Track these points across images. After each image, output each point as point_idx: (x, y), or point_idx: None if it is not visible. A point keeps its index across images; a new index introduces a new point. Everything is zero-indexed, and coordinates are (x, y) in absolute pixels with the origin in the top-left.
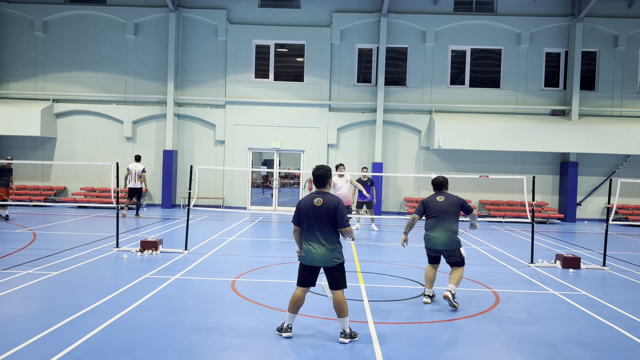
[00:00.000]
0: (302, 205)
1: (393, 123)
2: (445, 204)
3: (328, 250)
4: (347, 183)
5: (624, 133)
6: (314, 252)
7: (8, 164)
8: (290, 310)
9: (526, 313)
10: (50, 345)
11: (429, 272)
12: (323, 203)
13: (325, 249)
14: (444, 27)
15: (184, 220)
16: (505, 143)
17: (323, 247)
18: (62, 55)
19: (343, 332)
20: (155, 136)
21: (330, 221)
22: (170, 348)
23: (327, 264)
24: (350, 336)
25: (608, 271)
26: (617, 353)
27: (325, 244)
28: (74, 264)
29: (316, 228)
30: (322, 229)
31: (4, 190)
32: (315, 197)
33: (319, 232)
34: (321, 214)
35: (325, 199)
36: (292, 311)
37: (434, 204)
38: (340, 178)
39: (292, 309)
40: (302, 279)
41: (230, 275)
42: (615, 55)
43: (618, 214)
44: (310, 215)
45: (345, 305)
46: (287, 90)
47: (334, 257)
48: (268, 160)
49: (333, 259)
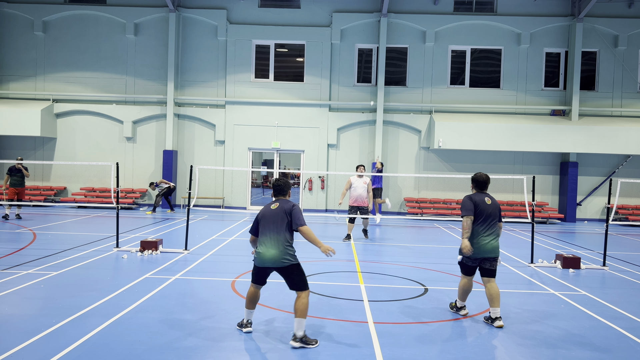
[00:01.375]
0: (261, 213)
1: (393, 123)
2: (492, 207)
3: (279, 252)
4: (364, 185)
5: (624, 133)
6: (262, 254)
7: (19, 165)
8: (247, 307)
9: (526, 313)
10: (50, 345)
11: (468, 284)
12: (279, 206)
13: (276, 251)
14: (444, 27)
15: (184, 220)
16: (505, 143)
17: (273, 249)
18: (62, 55)
19: (294, 335)
20: (155, 136)
21: (284, 222)
22: (170, 348)
23: (276, 265)
24: (302, 341)
25: (608, 271)
26: (617, 353)
27: (276, 245)
28: (74, 264)
29: (269, 230)
30: (275, 229)
31: (12, 190)
32: (272, 203)
33: (271, 233)
34: (276, 215)
35: (281, 202)
36: (249, 307)
37: (484, 205)
38: (359, 179)
39: (249, 305)
40: (254, 278)
41: (230, 275)
42: (615, 55)
43: (618, 214)
44: (265, 218)
45: (304, 307)
46: (287, 90)
47: (283, 258)
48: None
49: (282, 259)
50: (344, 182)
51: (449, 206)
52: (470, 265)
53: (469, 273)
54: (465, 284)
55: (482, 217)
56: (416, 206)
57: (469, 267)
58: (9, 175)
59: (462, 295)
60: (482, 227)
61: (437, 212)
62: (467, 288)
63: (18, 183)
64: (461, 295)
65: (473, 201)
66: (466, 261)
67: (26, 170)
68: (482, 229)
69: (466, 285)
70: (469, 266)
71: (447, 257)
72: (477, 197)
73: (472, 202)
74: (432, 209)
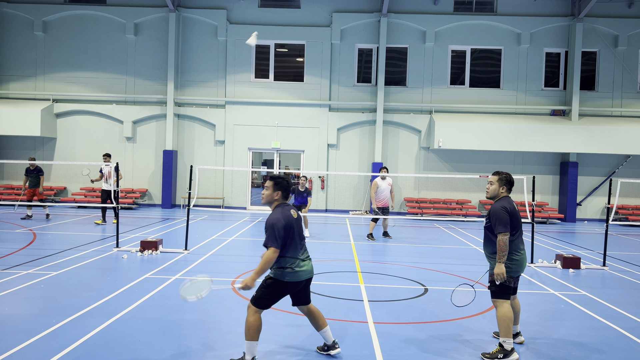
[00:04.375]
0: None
1: (393, 123)
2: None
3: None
4: (388, 186)
5: (624, 133)
6: (307, 264)
7: (32, 165)
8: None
9: (526, 313)
10: (50, 345)
11: (515, 306)
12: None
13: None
14: (444, 27)
15: (184, 220)
16: (505, 143)
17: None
18: (62, 55)
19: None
20: (155, 136)
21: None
22: (170, 348)
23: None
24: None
25: (608, 271)
26: (617, 353)
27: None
28: (74, 264)
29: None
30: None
31: (30, 191)
32: (291, 208)
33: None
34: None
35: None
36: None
37: (517, 214)
38: (384, 181)
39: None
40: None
41: (230, 275)
42: (615, 55)
43: (618, 214)
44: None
45: (251, 327)
46: (287, 90)
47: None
48: (268, 160)
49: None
50: (344, 182)
51: (449, 206)
52: (513, 285)
53: (513, 293)
54: (510, 309)
55: (518, 229)
56: (416, 206)
57: (512, 288)
58: (27, 177)
59: (510, 324)
60: (519, 239)
61: (437, 212)
62: (511, 314)
63: (33, 184)
64: (509, 325)
65: (509, 212)
66: (509, 282)
67: (40, 172)
68: (519, 242)
69: (510, 310)
70: (513, 287)
71: (447, 257)
72: (510, 205)
73: (508, 214)
74: (432, 209)
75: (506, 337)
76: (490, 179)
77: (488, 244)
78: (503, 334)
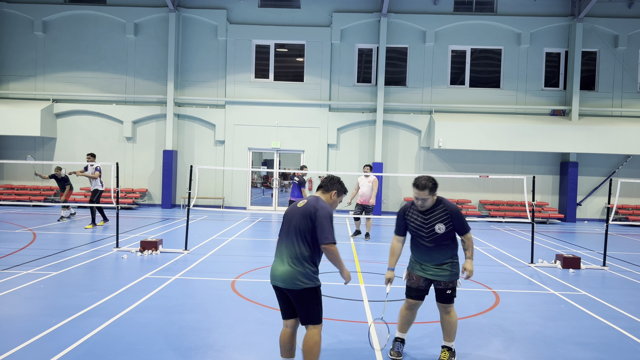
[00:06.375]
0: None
1: (393, 123)
2: None
3: (292, 268)
4: (369, 184)
5: (624, 133)
6: (274, 266)
7: (59, 174)
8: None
9: (526, 313)
10: (50, 345)
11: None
12: (305, 205)
13: (289, 267)
14: (444, 27)
15: (184, 220)
16: (505, 143)
17: (285, 264)
18: (62, 55)
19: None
20: (155, 136)
21: (305, 228)
22: (170, 348)
23: (287, 286)
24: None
25: (608, 271)
26: (617, 353)
27: (289, 258)
28: (74, 264)
29: (285, 235)
30: (292, 236)
31: (62, 194)
32: (303, 199)
33: (286, 241)
34: (298, 216)
35: (309, 200)
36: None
37: None
38: (365, 178)
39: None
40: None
41: (230, 275)
42: (615, 55)
43: (618, 214)
44: (284, 221)
45: (316, 350)
46: (287, 90)
47: (296, 278)
48: (268, 160)
49: (296, 280)
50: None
51: None
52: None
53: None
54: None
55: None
56: None
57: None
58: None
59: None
60: None
61: None
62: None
63: (63, 188)
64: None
65: None
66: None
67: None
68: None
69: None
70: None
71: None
72: None
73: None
74: None
75: (453, 341)
76: (420, 195)
77: (440, 250)
78: (454, 338)
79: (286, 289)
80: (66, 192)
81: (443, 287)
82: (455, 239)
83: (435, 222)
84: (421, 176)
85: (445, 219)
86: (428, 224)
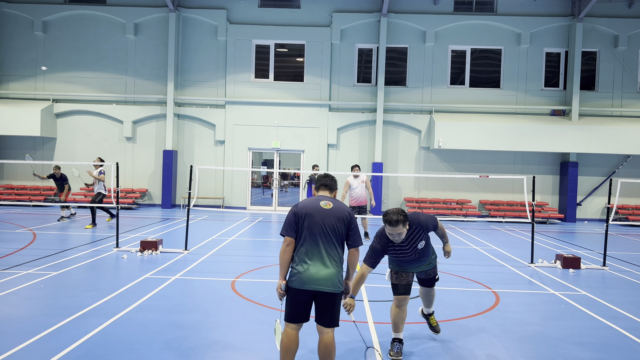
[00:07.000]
0: (301, 209)
1: (393, 123)
2: None
3: (336, 270)
4: (362, 184)
5: (624, 133)
6: (313, 270)
7: (57, 173)
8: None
9: (526, 313)
10: (50, 345)
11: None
12: (333, 207)
13: (333, 269)
14: (444, 27)
15: (184, 220)
16: (505, 143)
17: (329, 267)
18: (62, 55)
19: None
20: (155, 136)
21: (342, 231)
22: (170, 348)
23: (331, 289)
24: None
25: (608, 271)
26: (617, 353)
27: (332, 260)
28: (74, 264)
29: (321, 237)
30: (330, 239)
31: (61, 194)
32: (322, 200)
33: (325, 244)
34: (332, 218)
35: (335, 204)
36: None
37: None
38: (356, 179)
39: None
40: (292, 312)
41: (230, 275)
42: (615, 55)
43: (618, 214)
44: (313, 222)
45: (334, 352)
46: (287, 90)
47: (339, 280)
48: (268, 160)
49: (339, 283)
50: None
51: (449, 206)
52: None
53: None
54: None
55: None
56: (416, 206)
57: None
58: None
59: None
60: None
61: (437, 212)
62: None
63: (60, 189)
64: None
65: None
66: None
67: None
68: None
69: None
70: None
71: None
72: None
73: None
74: (432, 209)
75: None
76: (395, 231)
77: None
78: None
79: (326, 292)
80: (65, 192)
81: (432, 276)
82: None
83: (415, 242)
84: (389, 211)
85: (422, 234)
86: (410, 246)
